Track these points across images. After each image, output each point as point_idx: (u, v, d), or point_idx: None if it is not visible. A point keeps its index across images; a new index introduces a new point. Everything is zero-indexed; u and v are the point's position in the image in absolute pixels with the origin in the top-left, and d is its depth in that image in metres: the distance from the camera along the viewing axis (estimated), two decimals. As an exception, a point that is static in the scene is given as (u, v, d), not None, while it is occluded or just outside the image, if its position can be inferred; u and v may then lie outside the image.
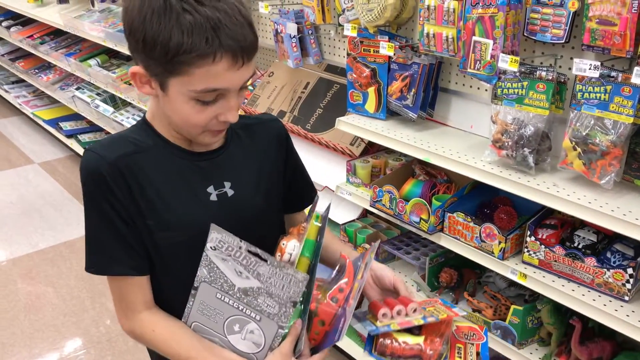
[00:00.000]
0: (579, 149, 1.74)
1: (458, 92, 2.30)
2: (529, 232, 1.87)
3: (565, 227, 1.91)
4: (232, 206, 1.23)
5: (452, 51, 2.03)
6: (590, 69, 1.64)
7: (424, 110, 2.31)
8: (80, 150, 4.88)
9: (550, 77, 1.80)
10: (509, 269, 1.91)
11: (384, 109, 2.38)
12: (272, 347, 1.14)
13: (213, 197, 1.22)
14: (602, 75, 1.67)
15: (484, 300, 2.17)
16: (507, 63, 1.81)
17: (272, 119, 1.40)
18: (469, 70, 1.95)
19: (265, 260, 1.09)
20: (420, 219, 2.11)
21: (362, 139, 2.61)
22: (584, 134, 1.72)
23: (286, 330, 1.13)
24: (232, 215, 1.22)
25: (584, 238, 1.84)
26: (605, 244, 1.85)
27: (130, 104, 4.03)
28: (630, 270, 1.68)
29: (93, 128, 4.97)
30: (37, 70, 5.48)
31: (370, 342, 1.24)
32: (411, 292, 1.31)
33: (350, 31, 2.34)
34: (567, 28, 1.75)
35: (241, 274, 1.10)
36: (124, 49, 3.74)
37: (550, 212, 1.95)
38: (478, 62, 1.91)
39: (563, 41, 1.78)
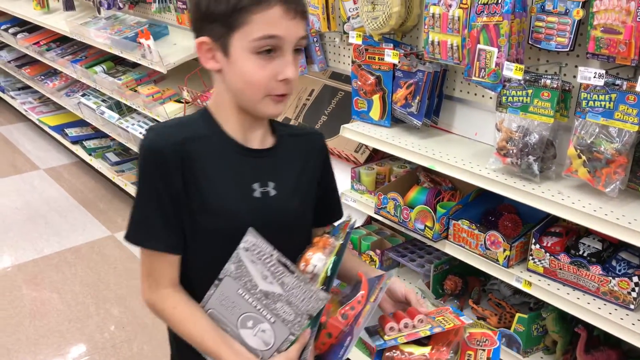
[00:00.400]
0: (583, 157, 1.74)
1: (463, 100, 2.31)
2: (533, 240, 1.87)
3: (570, 235, 1.91)
4: (272, 206, 1.28)
5: (457, 59, 2.03)
6: (595, 77, 1.64)
7: (429, 117, 2.32)
8: (86, 157, 4.89)
9: (555, 85, 1.80)
10: (514, 277, 1.91)
11: (389, 116, 2.39)
12: (280, 350, 1.18)
13: (257, 194, 1.26)
14: (607, 84, 1.67)
15: (488, 308, 2.16)
16: (512, 71, 1.81)
17: (317, 133, 1.45)
18: (473, 78, 1.95)
19: (293, 272, 1.14)
20: (425, 226, 2.11)
21: (366, 146, 2.61)
22: (589, 142, 1.72)
23: (295, 338, 1.17)
24: (271, 214, 1.26)
25: (589, 246, 1.83)
26: (611, 252, 1.85)
27: (135, 110, 4.05)
28: (635, 279, 1.68)
29: (98, 134, 4.98)
30: (43, 77, 5.50)
31: (378, 356, 1.26)
32: (422, 302, 1.33)
33: (355, 39, 2.35)
34: (572, 36, 1.76)
35: (266, 278, 1.15)
36: (130, 56, 3.76)
37: (555, 219, 1.95)
38: (483, 70, 1.91)
39: (568, 49, 1.78)
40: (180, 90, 3.49)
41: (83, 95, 4.77)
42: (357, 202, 2.44)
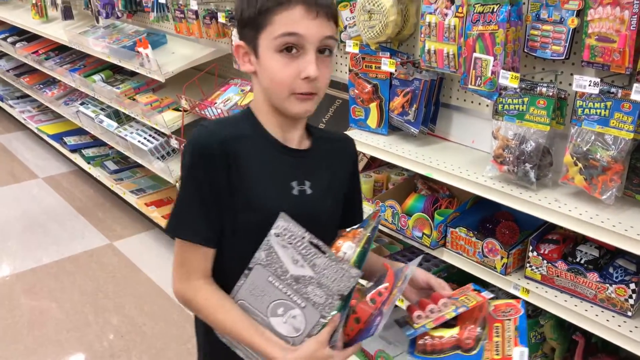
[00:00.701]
0: (580, 165, 1.74)
1: (459, 108, 2.32)
2: (531, 247, 1.87)
3: (568, 242, 1.92)
4: (308, 204, 1.33)
5: (453, 67, 2.04)
6: (590, 85, 1.65)
7: (426, 125, 2.33)
8: (85, 165, 4.90)
9: (551, 93, 1.81)
10: (512, 284, 1.91)
11: (386, 124, 2.40)
12: (310, 334, 1.21)
13: (295, 192, 1.32)
14: (602, 92, 1.68)
15: (487, 315, 2.16)
16: (508, 79, 1.82)
17: (349, 139, 1.53)
18: (469, 86, 1.96)
19: (324, 253, 1.18)
20: (423, 233, 2.12)
21: (364, 154, 2.62)
22: (585, 149, 1.73)
23: (326, 321, 1.20)
24: (306, 212, 1.29)
25: (586, 253, 1.84)
26: (608, 259, 1.85)
27: (134, 119, 4.05)
28: (632, 286, 1.68)
29: (97, 143, 4.99)
30: (41, 86, 5.51)
31: (412, 345, 1.30)
32: (445, 286, 1.38)
33: (352, 48, 2.36)
34: (567, 44, 1.77)
35: (297, 262, 1.18)
36: (128, 65, 3.77)
37: (552, 227, 1.95)
38: (479, 78, 1.92)
39: (563, 57, 1.79)
40: (179, 99, 3.50)
41: (82, 103, 4.78)
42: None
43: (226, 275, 1.30)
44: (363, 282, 1.36)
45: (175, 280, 1.33)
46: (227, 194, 1.25)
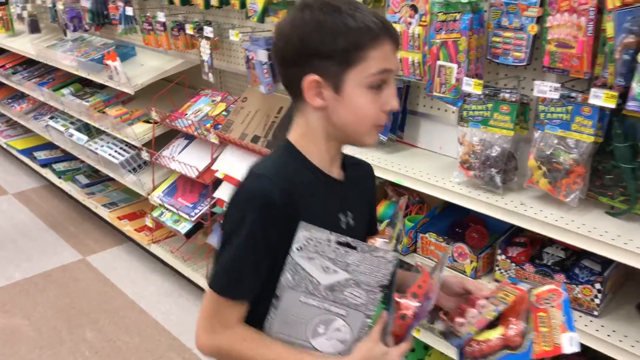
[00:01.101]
0: (544, 168, 1.78)
1: (426, 115, 2.35)
2: (499, 251, 1.90)
3: (535, 244, 1.95)
4: (352, 236, 1.23)
5: (419, 75, 2.07)
6: (550, 90, 1.69)
7: (394, 132, 2.35)
8: (56, 180, 4.83)
9: (514, 99, 1.85)
10: (482, 288, 1.93)
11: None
12: (359, 338, 1.16)
13: (343, 225, 1.27)
14: (563, 96, 1.71)
15: (459, 319, 2.18)
16: (472, 86, 1.85)
17: (368, 163, 1.47)
18: (435, 93, 1.99)
19: (355, 248, 1.12)
20: (394, 240, 2.13)
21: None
22: (548, 153, 1.76)
23: (372, 321, 1.16)
24: None
25: (552, 255, 1.87)
26: (574, 261, 1.89)
27: (104, 132, 4.02)
28: (598, 286, 1.72)
29: (68, 157, 4.92)
30: (9, 100, 5.43)
31: (461, 354, 1.26)
32: (481, 287, 1.34)
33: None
34: (528, 51, 1.81)
35: (328, 269, 1.12)
36: (97, 78, 3.74)
37: (520, 230, 1.98)
38: (443, 85, 1.95)
39: (525, 63, 1.83)
40: (149, 111, 3.48)
41: (51, 117, 4.72)
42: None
43: (260, 314, 1.22)
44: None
45: (202, 333, 1.23)
46: (286, 244, 1.15)
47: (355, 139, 1.23)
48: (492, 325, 1.23)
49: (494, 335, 1.21)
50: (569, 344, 1.13)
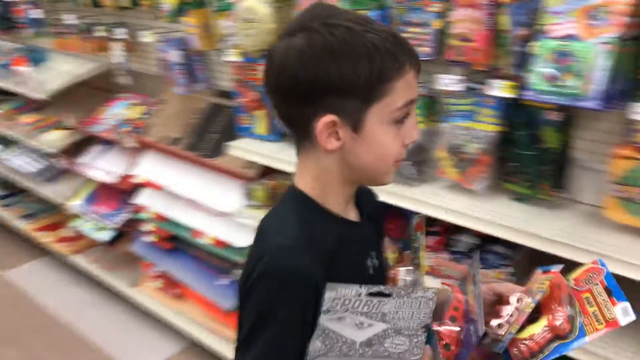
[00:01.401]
0: (453, 159, 1.83)
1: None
2: (417, 241, 1.94)
3: (449, 232, 2.00)
4: (379, 277, 1.16)
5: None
6: (452, 83, 1.74)
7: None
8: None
9: (423, 93, 1.89)
10: (402, 279, 1.97)
11: (279, 131, 2.41)
12: None
13: (371, 271, 1.15)
14: (469, 89, 1.77)
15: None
16: (381, 81, 1.88)
17: (369, 188, 1.31)
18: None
19: (390, 295, 0.99)
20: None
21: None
22: (456, 144, 1.82)
23: None
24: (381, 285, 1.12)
25: (466, 242, 1.93)
26: (488, 246, 1.95)
27: (16, 142, 3.86)
28: (510, 269, 1.79)
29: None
30: None
31: (507, 358, 1.14)
32: (512, 288, 1.20)
33: (232, 56, 2.36)
34: (435, 45, 1.85)
35: (362, 325, 1.00)
36: (4, 84, 3.58)
37: (434, 219, 2.03)
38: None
39: (432, 57, 1.87)
40: (65, 117, 3.36)
41: (-40, 128, 4.49)
42: (253, 219, 2.43)
43: None
44: None
45: None
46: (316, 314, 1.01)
47: (375, 179, 1.11)
48: (533, 320, 1.11)
49: (538, 328, 1.10)
50: (622, 314, 1.03)
